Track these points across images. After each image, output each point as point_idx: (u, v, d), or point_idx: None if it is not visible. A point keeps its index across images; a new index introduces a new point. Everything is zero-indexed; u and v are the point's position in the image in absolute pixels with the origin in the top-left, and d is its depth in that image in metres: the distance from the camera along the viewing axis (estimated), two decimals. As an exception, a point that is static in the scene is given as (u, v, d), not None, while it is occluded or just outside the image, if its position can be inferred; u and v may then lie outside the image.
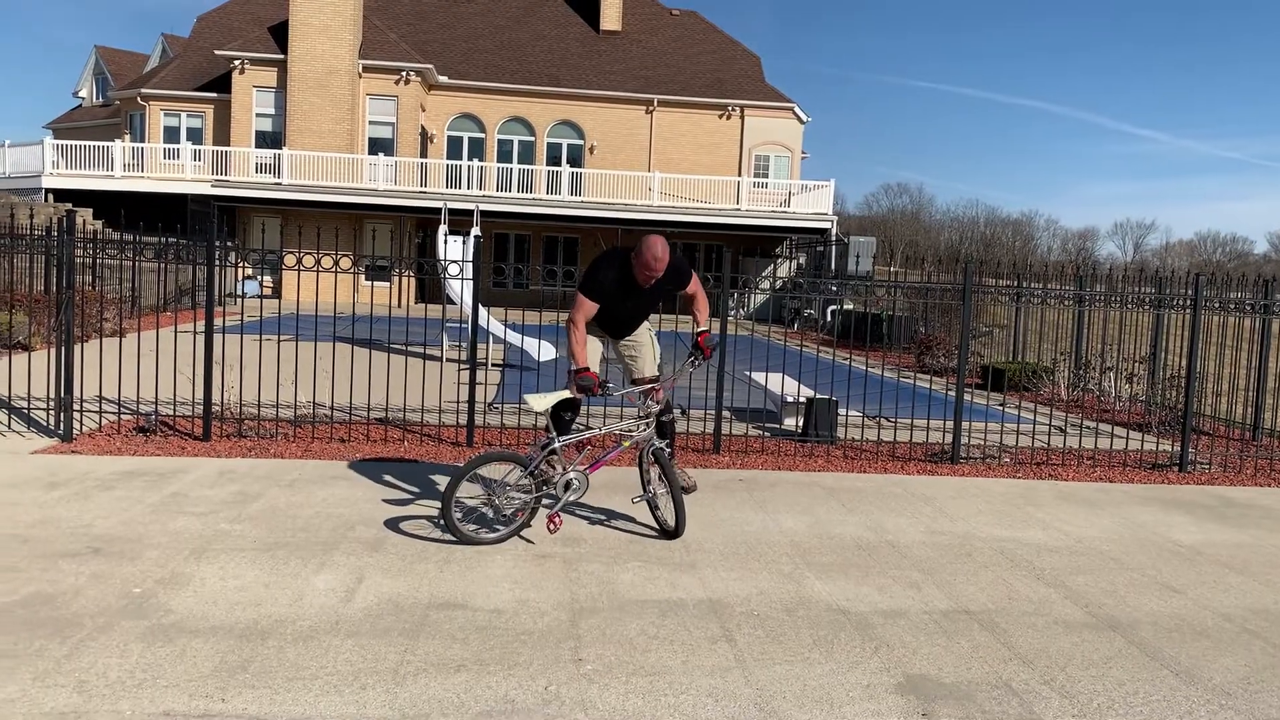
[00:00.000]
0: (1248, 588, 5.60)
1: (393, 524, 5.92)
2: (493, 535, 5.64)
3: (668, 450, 6.13)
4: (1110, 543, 6.39)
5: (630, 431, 6.10)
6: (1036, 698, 3.97)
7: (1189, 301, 9.12)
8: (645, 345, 6.71)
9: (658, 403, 6.09)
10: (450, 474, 7.27)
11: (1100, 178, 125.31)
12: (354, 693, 3.68)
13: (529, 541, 5.69)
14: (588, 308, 6.14)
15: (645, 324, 6.76)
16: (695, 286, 6.52)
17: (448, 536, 5.64)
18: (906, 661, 4.26)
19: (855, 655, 4.29)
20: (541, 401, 5.73)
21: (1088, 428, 10.18)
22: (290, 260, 8.34)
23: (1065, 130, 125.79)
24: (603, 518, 6.31)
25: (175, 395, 9.16)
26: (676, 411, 6.70)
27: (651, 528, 6.08)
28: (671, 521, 5.91)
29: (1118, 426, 10.51)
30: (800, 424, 9.57)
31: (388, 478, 7.13)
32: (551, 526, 5.65)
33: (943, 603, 5.05)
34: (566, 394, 5.93)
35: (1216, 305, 9.50)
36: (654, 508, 6.09)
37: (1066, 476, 8.40)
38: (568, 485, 5.79)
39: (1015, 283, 10.53)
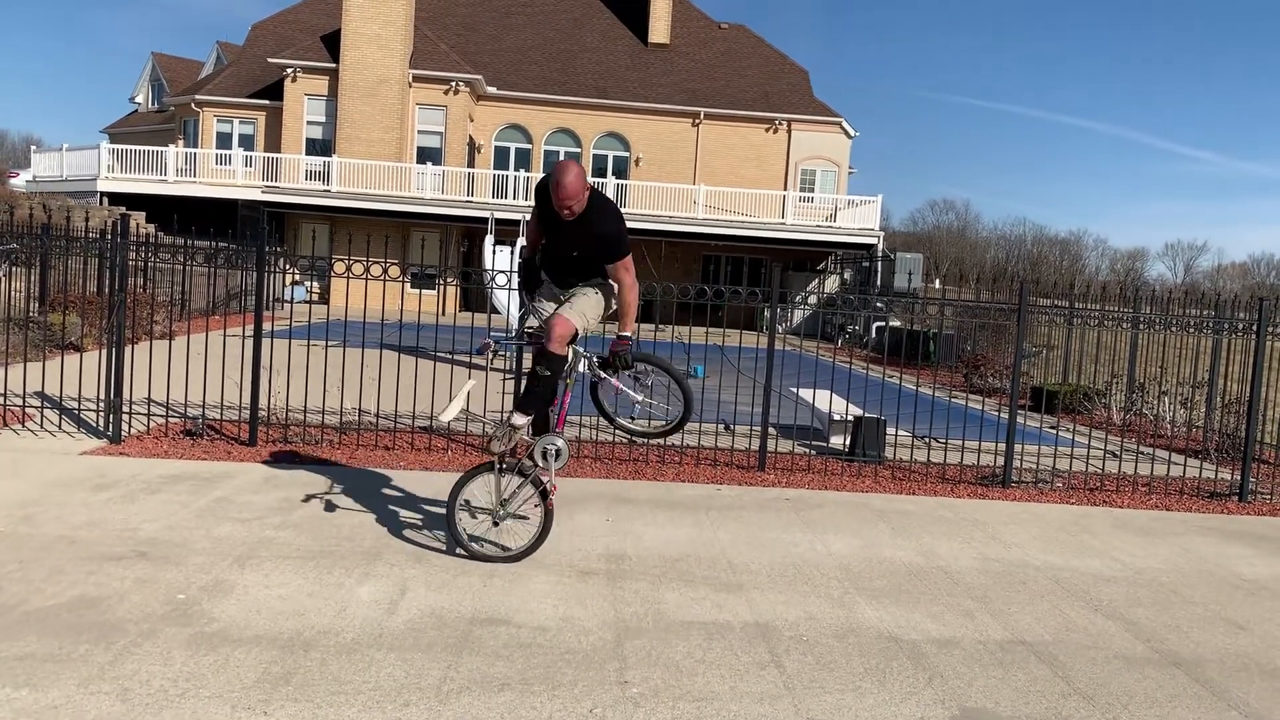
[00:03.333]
0: (1317, 626, 5.38)
1: (436, 535, 5.87)
2: (518, 546, 5.44)
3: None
4: (1170, 574, 6.19)
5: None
6: (1099, 737, 3.82)
7: (1253, 326, 8.86)
8: (580, 296, 5.41)
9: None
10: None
11: (1151, 198, 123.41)
12: (397, 709, 3.62)
13: (570, 558, 5.61)
14: (534, 225, 5.48)
15: (597, 286, 5.45)
16: (621, 267, 5.24)
17: (487, 550, 5.58)
18: (962, 693, 4.13)
19: (909, 685, 4.16)
20: (450, 411, 5.39)
21: (1142, 453, 9.94)
22: (339, 267, 8.36)
23: (1115, 150, 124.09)
24: (645, 534, 6.22)
25: (222, 399, 9.20)
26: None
27: (704, 557, 5.95)
28: (680, 408, 5.51)
29: (1173, 453, 10.25)
30: (847, 442, 9.41)
31: (432, 486, 7.09)
32: (550, 501, 5.38)
33: (998, 632, 4.90)
34: (467, 392, 5.49)
35: (1280, 330, 9.22)
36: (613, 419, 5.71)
37: (1121, 503, 8.18)
38: (545, 454, 5.29)
39: (1069, 303, 10.32)
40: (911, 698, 4.04)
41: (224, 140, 32.92)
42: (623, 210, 26.40)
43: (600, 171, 34.52)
